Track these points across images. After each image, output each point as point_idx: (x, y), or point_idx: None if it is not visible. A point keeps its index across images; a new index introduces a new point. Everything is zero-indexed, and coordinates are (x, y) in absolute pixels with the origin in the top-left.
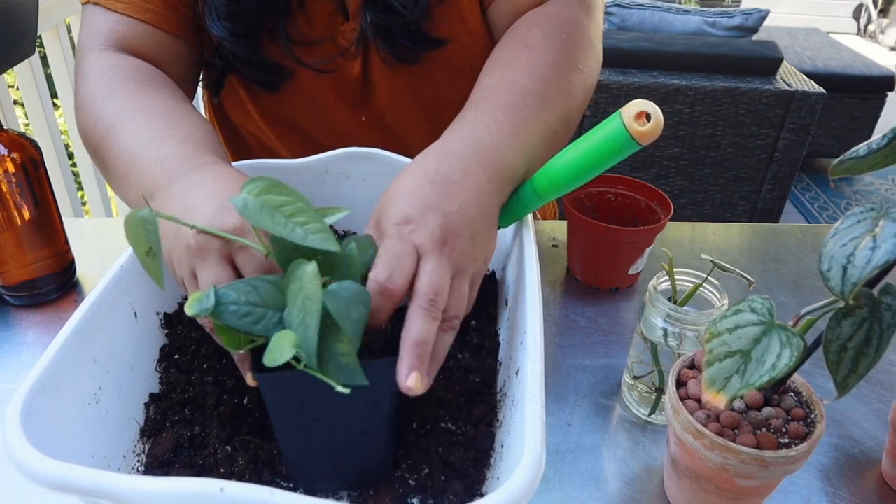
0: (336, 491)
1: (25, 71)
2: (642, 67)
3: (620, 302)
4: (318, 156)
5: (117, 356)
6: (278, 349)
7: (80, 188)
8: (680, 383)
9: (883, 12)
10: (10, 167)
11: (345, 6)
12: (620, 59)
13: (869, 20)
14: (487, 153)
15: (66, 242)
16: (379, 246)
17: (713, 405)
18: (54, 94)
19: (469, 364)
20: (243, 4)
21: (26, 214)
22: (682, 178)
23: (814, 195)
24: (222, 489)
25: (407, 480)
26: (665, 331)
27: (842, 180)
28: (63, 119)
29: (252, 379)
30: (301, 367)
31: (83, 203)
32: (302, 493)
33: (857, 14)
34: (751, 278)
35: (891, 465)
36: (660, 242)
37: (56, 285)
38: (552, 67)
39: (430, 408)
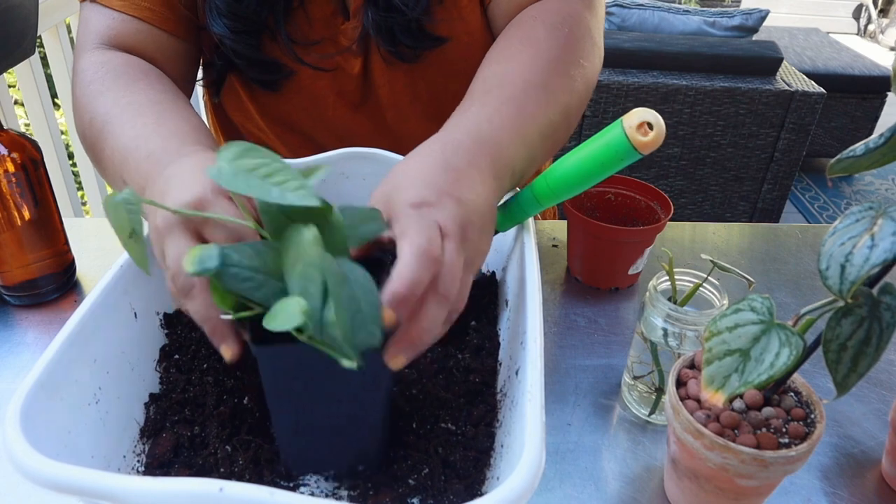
0: (325, 471)
1: (25, 71)
2: (642, 67)
3: (620, 302)
4: (318, 156)
5: (117, 356)
6: (285, 314)
7: (80, 188)
8: (680, 383)
9: (883, 12)
10: (11, 167)
11: (345, 5)
12: (620, 59)
13: (869, 20)
14: (490, 147)
15: (66, 242)
16: (395, 228)
17: (712, 403)
18: (54, 94)
19: (469, 364)
20: (244, 2)
21: (26, 214)
22: (682, 178)
23: (814, 195)
24: (222, 489)
25: (407, 480)
26: (665, 331)
27: (842, 180)
28: (63, 119)
29: (227, 350)
30: (305, 337)
31: (83, 203)
32: (311, 483)
33: (857, 14)
34: (751, 278)
35: (891, 465)
36: (660, 242)
37: (56, 285)
38: (554, 62)
39: (430, 408)
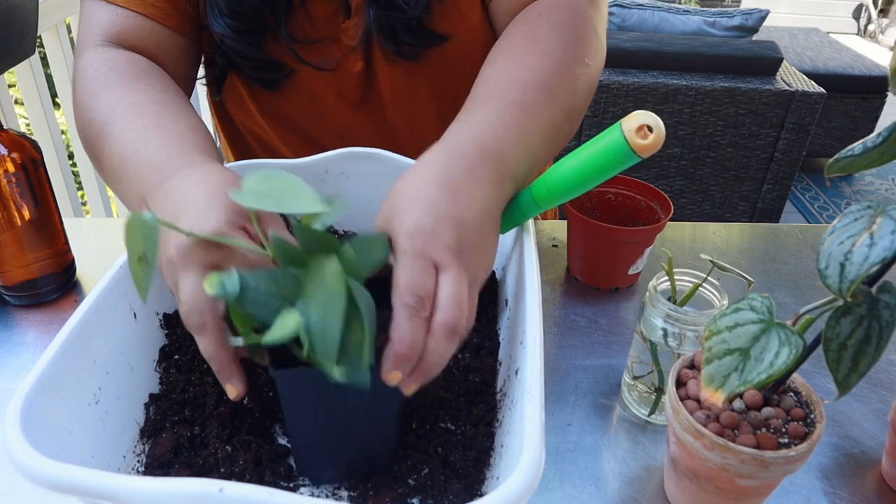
0: (341, 481)
1: (25, 71)
2: (642, 67)
3: (620, 302)
4: (318, 156)
5: (117, 356)
6: (282, 325)
7: (80, 188)
8: (680, 383)
9: (883, 12)
10: (11, 167)
11: (347, 4)
12: (620, 59)
13: (869, 20)
14: (494, 157)
15: (66, 242)
16: (394, 256)
17: (711, 402)
18: (54, 94)
19: (469, 364)
20: (245, 1)
21: (26, 214)
22: (682, 178)
23: (814, 195)
24: (221, 489)
25: (407, 480)
26: (665, 331)
27: (841, 180)
28: (63, 119)
29: (232, 389)
30: (304, 354)
31: (83, 203)
32: (308, 483)
33: (857, 14)
34: (750, 278)
35: (891, 465)
36: (660, 242)
37: (56, 285)
38: (558, 63)
39: (429, 408)
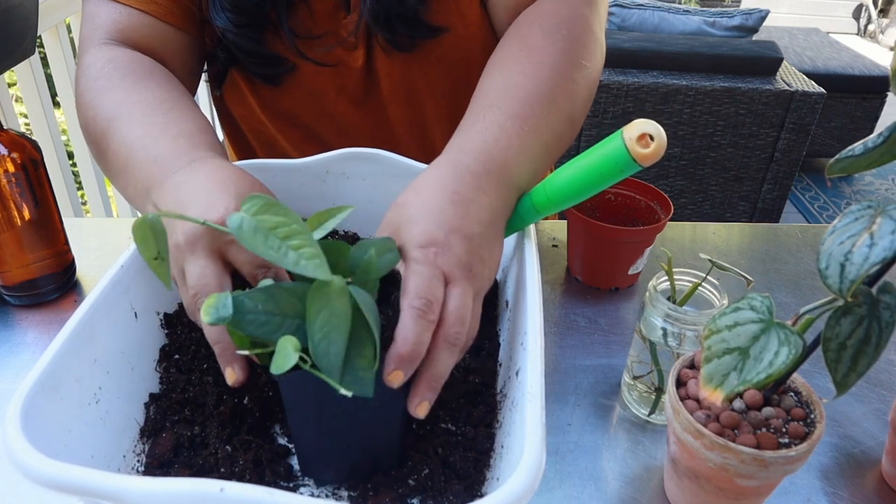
0: (344, 481)
1: (25, 71)
2: (642, 67)
3: (620, 302)
4: (319, 156)
5: (117, 356)
6: (283, 355)
7: (80, 188)
8: (680, 383)
9: (883, 12)
10: (10, 167)
11: (347, 0)
12: (620, 59)
13: (869, 20)
14: (497, 169)
15: (66, 242)
16: (404, 263)
17: (711, 401)
18: (54, 94)
19: (469, 365)
20: None
21: (26, 214)
22: (682, 178)
23: (814, 195)
24: (222, 489)
25: (407, 481)
26: (665, 330)
27: (842, 180)
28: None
29: (232, 374)
30: (307, 367)
31: (83, 203)
32: (308, 483)
33: (857, 14)
34: (750, 278)
35: (891, 465)
36: (660, 242)
37: (56, 285)
38: (555, 69)
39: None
